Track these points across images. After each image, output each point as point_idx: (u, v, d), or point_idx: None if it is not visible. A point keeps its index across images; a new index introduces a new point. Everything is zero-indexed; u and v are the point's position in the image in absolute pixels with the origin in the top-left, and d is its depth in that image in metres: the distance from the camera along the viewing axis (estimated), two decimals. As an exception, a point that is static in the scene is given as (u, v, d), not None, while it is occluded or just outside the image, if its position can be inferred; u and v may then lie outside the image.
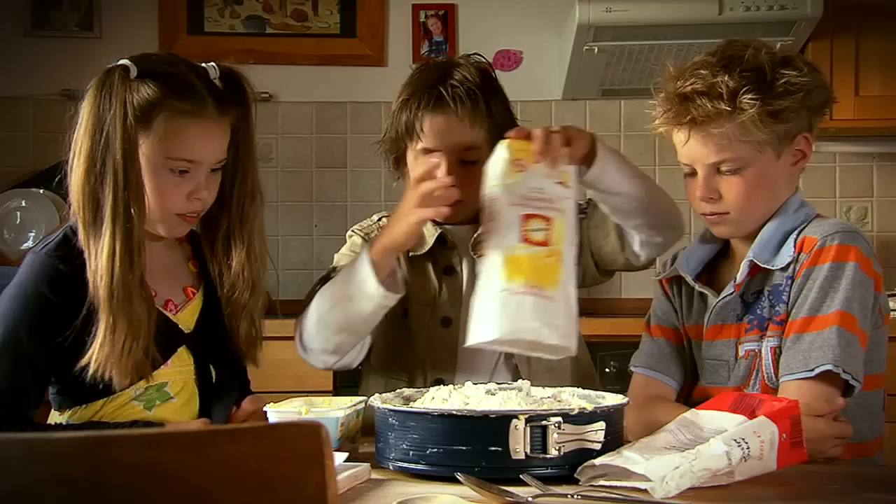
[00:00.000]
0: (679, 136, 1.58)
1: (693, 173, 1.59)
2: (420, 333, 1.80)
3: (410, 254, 1.82)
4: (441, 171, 1.69)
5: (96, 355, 1.47)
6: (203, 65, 1.58)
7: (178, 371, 1.58)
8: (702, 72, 1.54)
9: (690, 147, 1.57)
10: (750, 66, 1.53)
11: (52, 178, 3.01)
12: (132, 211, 1.47)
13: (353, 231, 1.91)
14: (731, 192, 1.56)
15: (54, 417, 1.58)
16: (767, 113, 1.51)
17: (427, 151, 1.76)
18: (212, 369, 1.62)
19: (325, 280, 1.81)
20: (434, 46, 3.35)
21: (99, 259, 1.47)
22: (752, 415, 1.28)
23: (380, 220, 1.90)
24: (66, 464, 0.72)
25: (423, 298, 1.80)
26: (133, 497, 0.72)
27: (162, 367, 1.55)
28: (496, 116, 1.77)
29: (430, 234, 1.82)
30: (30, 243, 2.97)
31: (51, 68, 3.26)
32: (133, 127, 1.47)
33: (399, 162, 1.84)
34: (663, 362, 1.67)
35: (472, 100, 1.75)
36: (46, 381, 1.54)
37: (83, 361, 1.47)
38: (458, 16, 3.37)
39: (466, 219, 1.82)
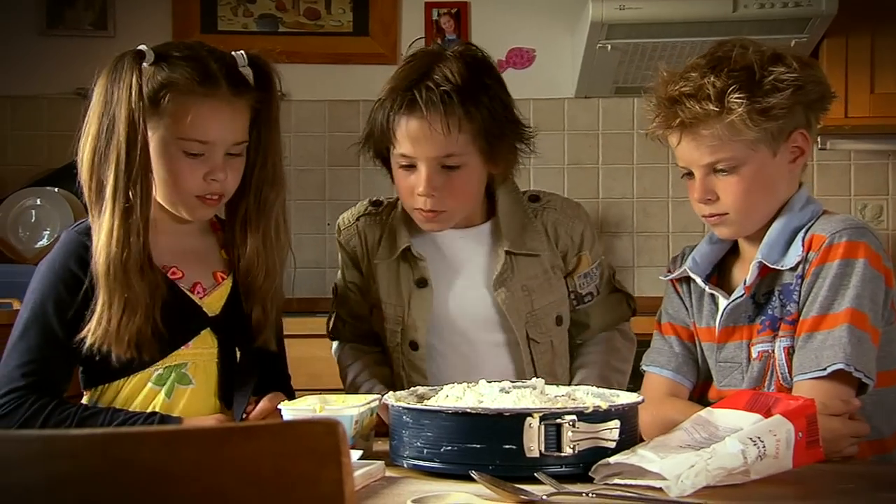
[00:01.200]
0: (672, 139, 1.58)
1: (690, 175, 1.58)
2: (394, 355, 1.80)
3: (375, 262, 1.79)
4: None
5: (93, 329, 1.51)
6: (233, 52, 1.61)
7: (199, 353, 1.60)
8: (691, 74, 1.53)
9: (684, 149, 1.56)
10: (738, 65, 1.52)
11: (66, 176, 3.04)
12: (130, 192, 1.50)
13: (337, 239, 1.87)
14: (729, 193, 1.55)
15: (85, 397, 1.62)
16: (756, 111, 1.49)
17: (405, 157, 1.67)
18: (238, 354, 1.63)
19: (336, 303, 1.87)
20: (447, 44, 3.35)
21: (98, 237, 1.52)
22: (767, 413, 1.28)
23: (358, 219, 1.84)
24: (83, 461, 0.72)
25: (394, 316, 1.78)
26: (149, 494, 0.73)
27: (182, 347, 1.59)
28: (479, 119, 1.65)
29: (402, 242, 1.77)
30: (45, 242, 2.99)
31: (65, 67, 3.27)
32: (138, 109, 1.49)
33: (386, 162, 1.76)
34: (675, 361, 1.66)
35: (447, 105, 1.62)
36: (73, 356, 1.57)
37: (80, 335, 1.52)
38: (471, 14, 3.37)
39: (454, 226, 1.78)
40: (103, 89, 1.53)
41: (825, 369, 1.44)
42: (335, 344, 1.91)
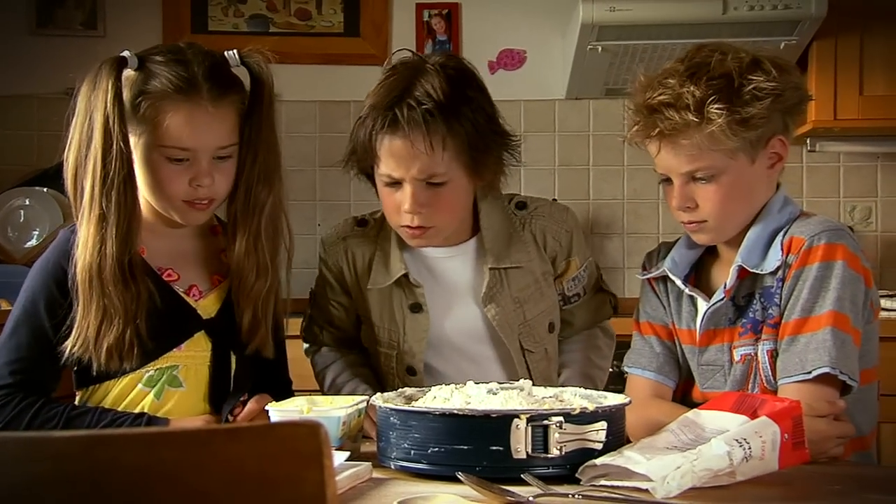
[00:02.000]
0: (651, 148, 1.57)
1: (668, 181, 1.59)
2: (388, 377, 1.79)
3: (370, 287, 1.75)
4: None
5: (72, 338, 1.51)
6: (225, 52, 1.59)
7: (192, 356, 1.60)
8: (669, 81, 1.52)
9: (663, 158, 1.56)
10: (717, 72, 1.51)
11: (56, 176, 3.03)
12: (103, 201, 1.49)
13: (319, 256, 1.84)
14: (708, 201, 1.55)
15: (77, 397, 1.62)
16: (736, 121, 1.49)
17: (389, 176, 1.64)
18: (233, 358, 1.62)
19: (314, 310, 1.84)
20: (438, 46, 3.35)
21: (77, 245, 1.52)
22: (753, 415, 1.28)
23: (344, 239, 1.80)
24: (66, 463, 0.72)
25: (388, 341, 1.76)
26: (132, 496, 0.73)
27: (175, 350, 1.58)
28: (463, 135, 1.61)
29: (397, 269, 1.74)
30: (34, 242, 2.98)
31: (55, 67, 3.26)
32: (114, 117, 1.48)
33: (371, 178, 1.72)
34: (656, 361, 1.66)
35: (430, 123, 1.58)
36: (62, 355, 1.56)
37: (64, 345, 1.51)
38: (462, 15, 3.37)
39: (442, 243, 1.74)
40: (84, 97, 1.52)
41: (810, 373, 1.45)
42: (306, 345, 1.90)
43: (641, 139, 1.58)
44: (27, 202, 3.02)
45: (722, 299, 1.56)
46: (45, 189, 3.03)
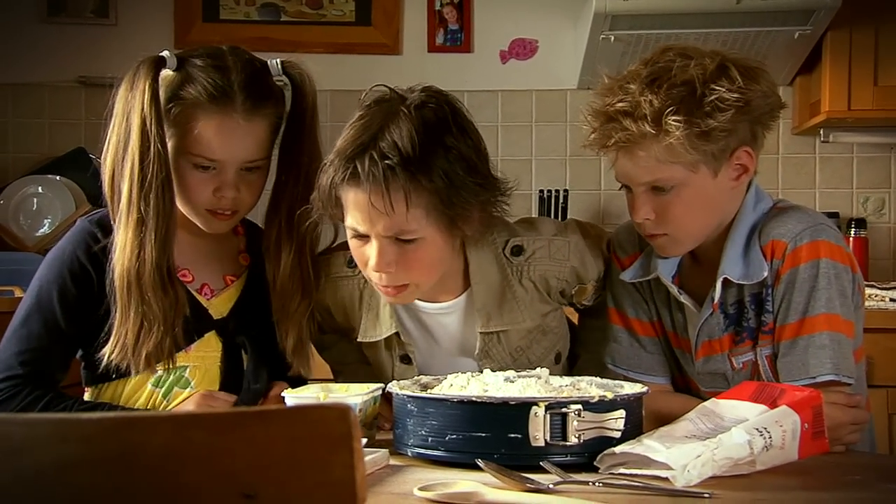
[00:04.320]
0: (609, 155, 1.52)
1: (630, 189, 1.53)
2: None
3: (358, 339, 1.64)
4: None
5: (110, 347, 1.49)
6: (269, 61, 1.56)
7: (201, 357, 1.58)
8: (630, 86, 1.45)
9: (621, 166, 1.50)
10: (679, 80, 1.43)
11: (68, 164, 3.03)
12: (142, 204, 1.47)
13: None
14: (668, 214, 1.49)
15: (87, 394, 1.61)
16: (696, 134, 1.41)
17: (355, 231, 1.48)
18: (244, 358, 1.61)
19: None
20: (449, 35, 3.34)
21: (115, 250, 1.49)
22: (773, 404, 1.28)
23: (334, 280, 1.64)
24: (95, 445, 0.72)
25: (379, 378, 1.65)
26: (161, 478, 0.73)
27: (183, 350, 1.56)
28: (433, 190, 1.43)
29: (387, 327, 1.61)
30: (46, 230, 2.98)
31: (66, 55, 3.26)
32: (151, 118, 1.46)
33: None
34: (646, 362, 1.62)
35: (390, 181, 1.40)
36: (74, 346, 1.56)
37: (102, 352, 1.50)
38: (474, 4, 3.35)
39: (431, 298, 1.61)
40: (122, 97, 1.50)
41: (815, 377, 1.45)
42: None
43: (598, 148, 1.52)
44: (39, 190, 3.02)
45: (711, 313, 1.54)
46: (57, 177, 3.03)
